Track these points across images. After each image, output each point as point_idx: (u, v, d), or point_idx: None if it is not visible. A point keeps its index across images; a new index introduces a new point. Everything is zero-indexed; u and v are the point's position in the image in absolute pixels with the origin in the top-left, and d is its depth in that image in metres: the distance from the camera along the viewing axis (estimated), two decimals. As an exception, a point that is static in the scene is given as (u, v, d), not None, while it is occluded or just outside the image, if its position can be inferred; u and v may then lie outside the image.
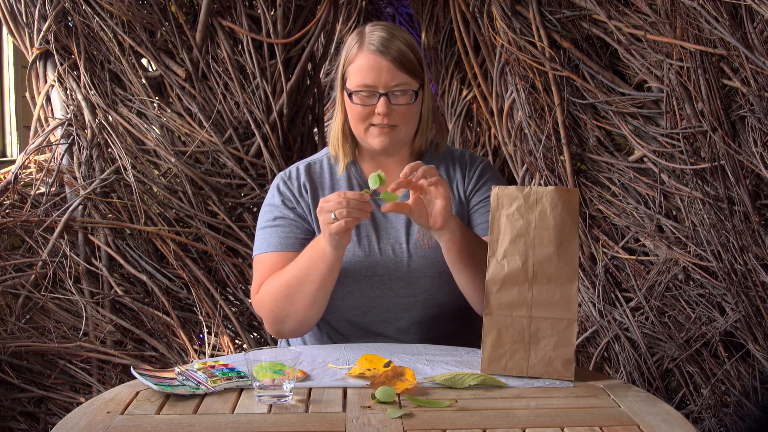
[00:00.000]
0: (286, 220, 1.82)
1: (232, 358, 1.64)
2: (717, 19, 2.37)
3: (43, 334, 2.70)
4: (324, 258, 1.67)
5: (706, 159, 2.49)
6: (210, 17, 2.94)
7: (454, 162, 1.90)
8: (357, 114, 1.77)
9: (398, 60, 1.73)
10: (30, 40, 3.01)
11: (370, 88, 1.74)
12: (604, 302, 2.77)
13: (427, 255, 1.80)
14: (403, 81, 1.74)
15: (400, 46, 1.74)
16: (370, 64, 1.74)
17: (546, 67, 2.80)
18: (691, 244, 2.58)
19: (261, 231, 1.84)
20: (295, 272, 1.71)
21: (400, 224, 1.82)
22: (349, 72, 1.77)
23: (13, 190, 2.87)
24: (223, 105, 2.97)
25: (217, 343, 2.85)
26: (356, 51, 1.76)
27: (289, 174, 1.87)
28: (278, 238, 1.81)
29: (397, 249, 1.80)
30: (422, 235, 1.81)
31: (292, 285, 1.71)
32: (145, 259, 2.87)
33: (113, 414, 1.36)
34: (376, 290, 1.79)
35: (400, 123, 1.77)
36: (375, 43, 1.74)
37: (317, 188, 1.84)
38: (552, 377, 1.55)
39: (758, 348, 2.47)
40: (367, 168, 1.87)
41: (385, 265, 1.79)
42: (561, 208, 1.57)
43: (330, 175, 1.86)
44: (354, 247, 1.78)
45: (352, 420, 1.33)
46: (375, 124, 1.76)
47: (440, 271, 1.78)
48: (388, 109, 1.73)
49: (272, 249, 1.80)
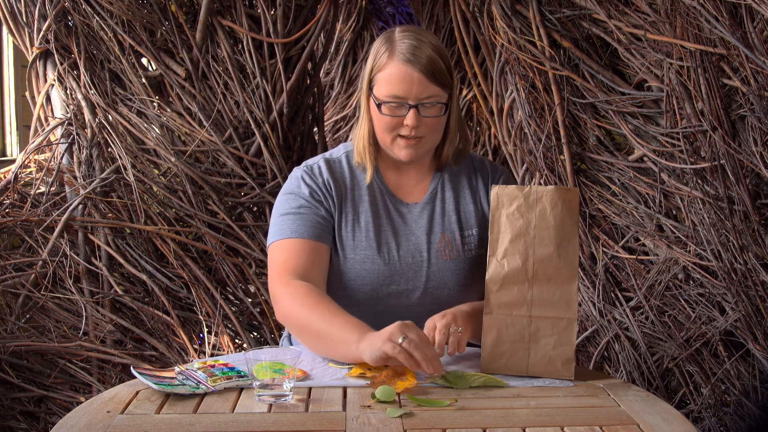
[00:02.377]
0: (311, 209, 1.75)
1: (232, 358, 1.64)
2: (717, 18, 2.37)
3: (43, 333, 2.70)
4: (348, 357, 1.57)
5: (706, 158, 2.49)
6: (210, 17, 2.94)
7: (475, 170, 1.87)
8: (385, 124, 1.72)
9: (429, 71, 1.68)
10: (30, 39, 3.00)
11: (400, 99, 1.69)
12: (604, 301, 2.77)
13: (448, 266, 1.77)
14: (433, 93, 1.70)
15: (430, 54, 1.69)
16: (400, 74, 1.69)
17: (546, 66, 2.79)
18: (691, 243, 2.58)
19: (283, 217, 1.76)
20: (317, 329, 1.62)
21: (421, 232, 1.79)
22: (378, 80, 1.72)
23: (13, 189, 2.87)
24: (223, 104, 2.97)
25: (217, 342, 2.85)
26: (386, 59, 1.71)
27: (311, 169, 1.81)
28: (305, 226, 1.73)
29: (417, 257, 1.77)
30: (444, 245, 1.79)
31: (307, 331, 1.64)
32: (145, 258, 2.87)
33: (113, 413, 1.36)
34: (393, 299, 1.76)
35: (427, 134, 1.73)
36: (405, 52, 1.69)
37: (340, 185, 1.79)
38: (552, 376, 1.55)
39: (758, 347, 2.47)
40: (388, 175, 1.83)
41: (403, 274, 1.76)
42: (561, 208, 1.57)
43: (350, 176, 1.81)
44: (374, 255, 1.75)
45: (352, 419, 1.33)
46: (402, 135, 1.72)
47: (459, 283, 1.77)
48: (417, 121, 1.69)
49: (296, 235, 1.73)
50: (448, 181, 1.84)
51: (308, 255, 1.72)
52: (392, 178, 1.83)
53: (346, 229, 1.77)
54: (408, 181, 1.84)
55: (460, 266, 1.77)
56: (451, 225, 1.80)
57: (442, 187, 1.83)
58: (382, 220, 1.78)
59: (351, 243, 1.76)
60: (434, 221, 1.80)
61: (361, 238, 1.76)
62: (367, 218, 1.78)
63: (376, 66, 1.73)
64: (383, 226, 1.78)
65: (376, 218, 1.78)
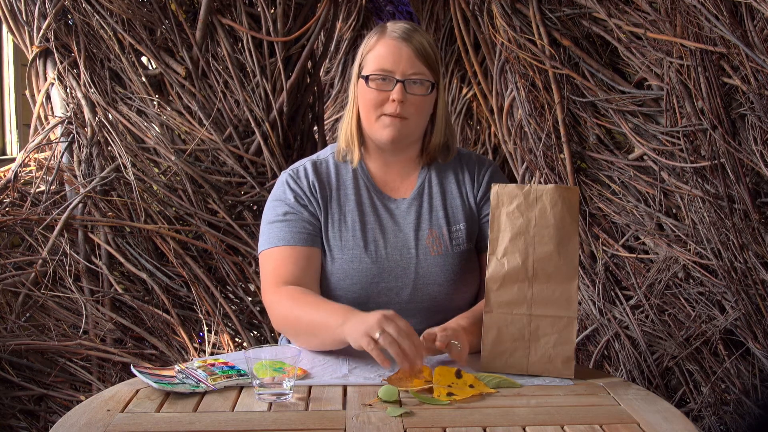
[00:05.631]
0: (297, 215, 1.78)
1: (232, 356, 1.64)
2: (717, 17, 2.37)
3: (43, 332, 2.70)
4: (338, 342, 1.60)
5: (706, 157, 2.49)
6: (210, 15, 2.93)
7: (462, 164, 1.88)
8: (370, 101, 1.74)
9: (419, 50, 1.73)
10: (30, 38, 3.00)
11: (387, 72, 1.72)
12: (604, 300, 2.77)
13: (437, 262, 1.78)
14: (421, 71, 1.73)
15: (421, 39, 1.74)
16: (390, 49, 1.73)
17: (546, 65, 2.79)
18: (691, 242, 2.58)
19: (270, 225, 1.79)
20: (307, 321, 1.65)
21: (409, 228, 1.80)
22: (367, 59, 1.76)
23: (13, 188, 2.87)
24: (223, 103, 2.97)
25: (217, 341, 2.85)
26: (376, 39, 1.76)
27: (297, 172, 1.83)
28: (290, 233, 1.76)
29: (405, 254, 1.78)
30: (431, 241, 1.79)
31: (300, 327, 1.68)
32: (144, 257, 2.87)
33: (113, 412, 1.36)
34: (384, 297, 1.76)
35: (412, 115, 1.74)
36: (397, 31, 1.74)
37: (325, 187, 1.81)
38: (552, 375, 1.55)
39: (758, 346, 2.47)
40: (375, 170, 1.84)
41: (392, 271, 1.76)
42: (561, 206, 1.57)
43: (336, 175, 1.83)
44: (361, 254, 1.76)
45: (352, 418, 1.33)
46: (387, 114, 1.73)
47: (448, 279, 1.77)
48: (402, 96, 1.71)
49: (283, 243, 1.75)
50: (435, 176, 1.84)
51: (296, 261, 1.75)
52: (379, 174, 1.84)
53: (333, 229, 1.78)
54: (395, 177, 1.84)
55: (449, 261, 1.77)
56: (439, 220, 1.81)
57: (429, 183, 1.84)
58: (369, 217, 1.79)
59: (338, 243, 1.77)
60: (422, 217, 1.80)
61: (348, 238, 1.77)
62: (354, 217, 1.79)
63: (366, 48, 1.78)
64: (370, 224, 1.79)
65: (362, 216, 1.79)
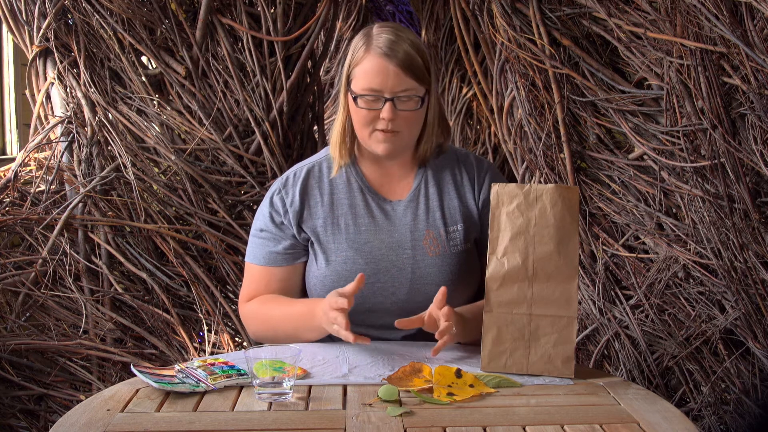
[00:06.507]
0: (270, 234, 1.82)
1: (232, 356, 1.64)
2: (717, 16, 2.37)
3: (43, 331, 2.70)
4: (316, 332, 1.71)
5: (706, 157, 2.49)
6: (210, 15, 2.93)
7: (459, 165, 1.87)
8: (361, 118, 1.73)
9: (405, 65, 1.70)
10: (30, 37, 3.00)
11: (375, 92, 1.70)
12: (604, 300, 2.77)
13: (434, 262, 1.77)
14: (409, 87, 1.71)
15: (407, 49, 1.71)
16: (376, 68, 1.70)
17: (546, 64, 2.79)
18: (691, 241, 2.58)
19: (251, 237, 1.87)
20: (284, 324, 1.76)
21: (405, 229, 1.79)
22: (355, 74, 1.73)
23: (13, 187, 2.87)
24: (223, 103, 2.97)
25: (217, 340, 2.85)
26: (363, 53, 1.73)
27: (285, 182, 1.84)
28: (263, 253, 1.82)
29: (400, 254, 1.77)
30: (429, 241, 1.79)
31: (278, 329, 1.77)
32: (144, 256, 2.87)
33: (113, 411, 1.36)
34: (379, 296, 1.76)
35: (404, 129, 1.74)
36: (382, 46, 1.70)
37: (309, 197, 1.81)
38: (552, 375, 1.55)
39: (758, 346, 2.47)
40: (370, 172, 1.84)
41: (387, 271, 1.76)
42: (561, 206, 1.57)
43: (329, 180, 1.83)
44: (354, 255, 1.76)
45: (352, 417, 1.33)
46: (379, 129, 1.73)
47: (446, 280, 1.76)
48: (393, 114, 1.70)
49: (257, 262, 1.83)
50: (432, 177, 1.84)
51: (268, 283, 1.83)
52: (375, 176, 1.83)
53: (326, 234, 1.79)
54: (391, 179, 1.84)
55: (446, 262, 1.77)
56: (436, 221, 1.80)
57: (425, 184, 1.83)
58: (362, 219, 1.79)
59: (332, 246, 1.78)
60: (419, 218, 1.80)
61: (341, 240, 1.78)
62: (347, 220, 1.79)
63: (353, 61, 1.75)
64: (364, 226, 1.79)
65: (355, 219, 1.79)
